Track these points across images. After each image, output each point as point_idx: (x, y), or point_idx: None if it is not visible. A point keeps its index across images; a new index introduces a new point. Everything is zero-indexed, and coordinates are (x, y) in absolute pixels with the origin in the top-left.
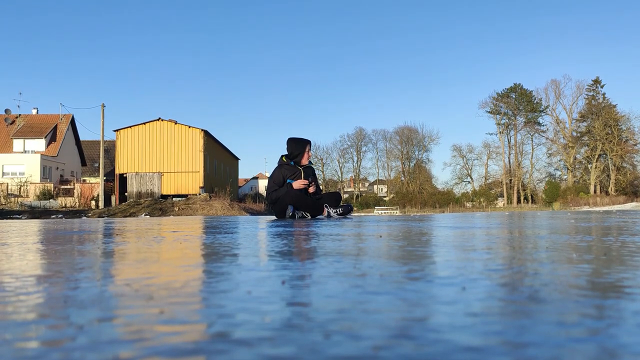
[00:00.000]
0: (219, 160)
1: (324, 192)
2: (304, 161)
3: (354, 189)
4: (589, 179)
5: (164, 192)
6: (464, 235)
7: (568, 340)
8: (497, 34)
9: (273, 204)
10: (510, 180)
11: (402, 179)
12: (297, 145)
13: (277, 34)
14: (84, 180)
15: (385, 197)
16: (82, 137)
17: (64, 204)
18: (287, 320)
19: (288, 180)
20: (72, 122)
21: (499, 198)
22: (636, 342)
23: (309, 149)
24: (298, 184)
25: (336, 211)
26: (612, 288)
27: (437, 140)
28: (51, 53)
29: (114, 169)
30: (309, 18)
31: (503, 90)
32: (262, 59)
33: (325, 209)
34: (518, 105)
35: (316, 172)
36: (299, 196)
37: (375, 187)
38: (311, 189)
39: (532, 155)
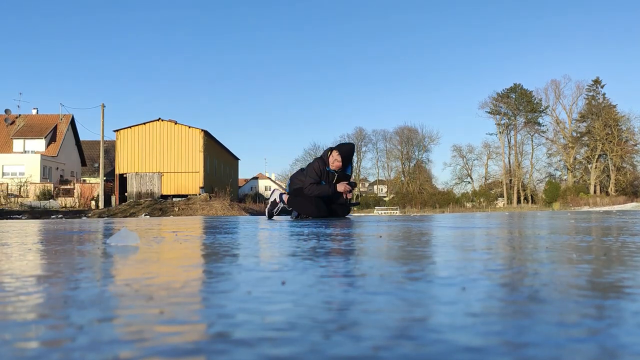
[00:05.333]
0: (219, 161)
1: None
2: (332, 166)
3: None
4: (589, 179)
5: (164, 192)
6: (463, 236)
7: (568, 340)
8: (497, 34)
9: (296, 196)
10: (510, 180)
11: (402, 179)
12: (329, 149)
13: (277, 35)
14: (84, 181)
15: (385, 197)
16: (82, 137)
17: (64, 204)
18: (287, 320)
19: (322, 182)
20: (72, 122)
21: (499, 198)
22: (636, 342)
23: (335, 154)
24: (342, 187)
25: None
26: (612, 288)
27: (437, 141)
28: (51, 53)
29: (113, 169)
30: (309, 19)
31: (503, 90)
32: (262, 59)
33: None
34: (518, 106)
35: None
36: (322, 204)
37: (375, 187)
38: (349, 195)
39: (532, 156)
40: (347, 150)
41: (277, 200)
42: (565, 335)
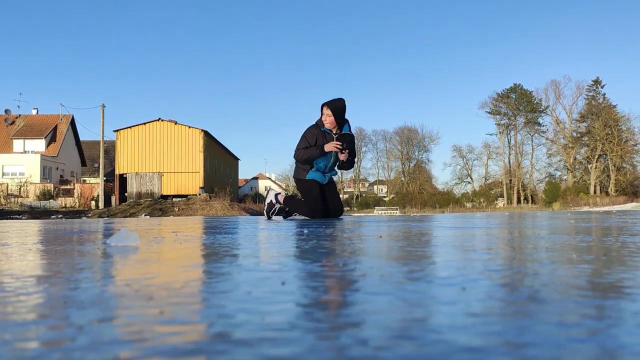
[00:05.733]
0: (219, 161)
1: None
2: (326, 124)
3: (354, 189)
4: (589, 180)
5: (164, 193)
6: (463, 236)
7: (568, 340)
8: (497, 34)
9: (292, 197)
10: (510, 180)
11: (402, 179)
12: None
13: (277, 35)
14: (84, 181)
15: (385, 197)
16: (82, 138)
17: (64, 205)
18: (287, 321)
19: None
20: (72, 123)
21: (499, 198)
22: (636, 343)
23: (325, 110)
24: (331, 146)
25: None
26: (612, 288)
27: (437, 141)
28: (51, 53)
29: (113, 169)
30: (308, 19)
31: (503, 90)
32: (262, 59)
33: (269, 195)
34: (518, 106)
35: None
36: (317, 189)
37: (375, 187)
38: (342, 156)
39: (532, 156)
40: (337, 105)
41: (273, 201)
42: (565, 336)
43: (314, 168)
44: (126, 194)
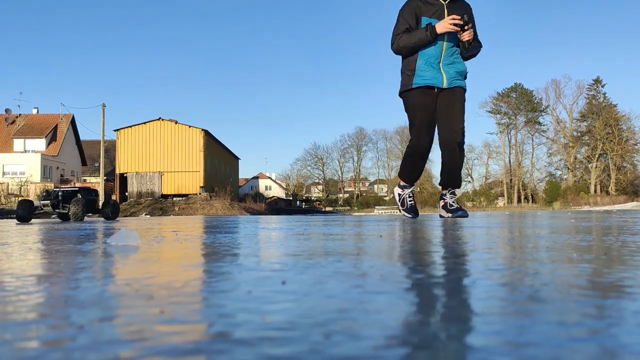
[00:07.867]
0: (219, 160)
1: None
2: None
3: (355, 188)
4: (589, 179)
5: (165, 192)
6: (464, 235)
7: (568, 340)
8: (497, 34)
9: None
10: (511, 179)
11: None
12: None
13: (277, 36)
14: (85, 180)
15: (385, 196)
16: (82, 137)
17: None
18: (287, 320)
19: (424, 19)
20: (73, 122)
21: (499, 198)
22: (636, 342)
23: None
24: (445, 24)
25: (450, 205)
26: (612, 288)
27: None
28: (52, 52)
29: (114, 169)
30: (309, 18)
31: (503, 90)
32: (262, 58)
33: (443, 200)
34: (518, 105)
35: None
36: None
37: (375, 186)
38: (465, 35)
39: (532, 155)
40: None
41: (398, 191)
42: (566, 335)
43: (421, 64)
44: (127, 194)
